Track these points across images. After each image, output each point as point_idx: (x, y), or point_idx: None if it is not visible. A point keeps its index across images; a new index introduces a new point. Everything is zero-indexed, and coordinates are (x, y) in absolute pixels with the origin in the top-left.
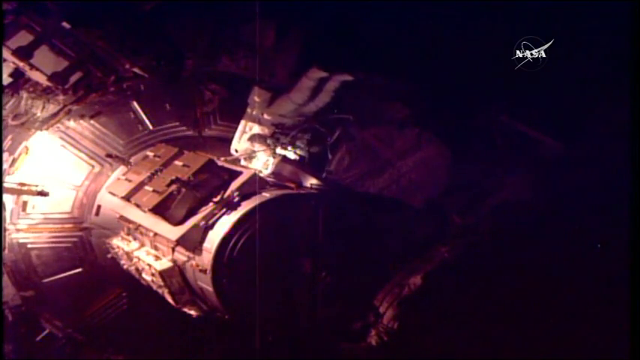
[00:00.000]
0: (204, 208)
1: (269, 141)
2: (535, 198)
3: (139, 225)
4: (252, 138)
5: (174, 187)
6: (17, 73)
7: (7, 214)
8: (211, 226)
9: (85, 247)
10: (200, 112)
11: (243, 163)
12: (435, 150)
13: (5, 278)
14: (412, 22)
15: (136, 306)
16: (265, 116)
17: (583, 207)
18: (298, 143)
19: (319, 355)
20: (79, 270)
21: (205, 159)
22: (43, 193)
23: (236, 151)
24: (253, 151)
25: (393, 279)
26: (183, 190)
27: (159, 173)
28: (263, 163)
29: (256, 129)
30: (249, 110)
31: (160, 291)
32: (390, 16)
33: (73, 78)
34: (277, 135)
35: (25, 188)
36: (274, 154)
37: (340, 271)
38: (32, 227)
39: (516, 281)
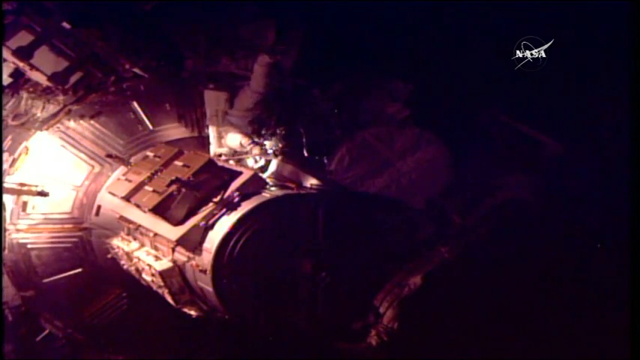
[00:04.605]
0: (204, 208)
1: (252, 137)
2: (535, 198)
3: (139, 225)
4: (234, 138)
5: (174, 187)
6: (17, 73)
7: (7, 214)
8: (211, 226)
9: (85, 247)
10: (200, 112)
11: (232, 163)
12: (435, 150)
13: (5, 278)
14: (412, 22)
15: (135, 306)
16: (233, 115)
17: (583, 207)
18: (278, 131)
19: (319, 355)
20: (79, 270)
21: (205, 159)
22: (43, 193)
23: (220, 155)
24: (238, 152)
25: (393, 279)
26: (183, 190)
27: (159, 173)
28: (254, 160)
29: (232, 130)
30: (211, 115)
31: (160, 291)
32: (391, 16)
33: (73, 78)
34: (258, 128)
35: (25, 188)
36: (262, 148)
37: (340, 271)
38: (32, 227)
39: (516, 281)
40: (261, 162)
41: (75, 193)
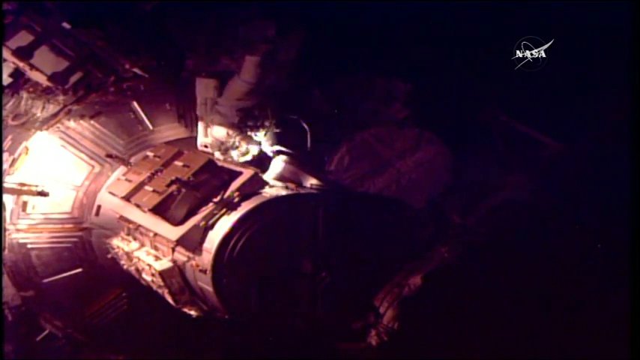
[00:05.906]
0: (204, 208)
1: (239, 127)
2: (535, 198)
3: (139, 225)
4: (221, 129)
5: (174, 187)
6: (17, 73)
7: (7, 214)
8: (211, 226)
9: (85, 247)
10: None
11: (217, 155)
12: (435, 150)
13: (5, 278)
14: (412, 21)
15: (135, 306)
16: (222, 104)
17: (583, 207)
18: (267, 124)
19: (319, 355)
20: (79, 270)
21: (205, 159)
22: (43, 193)
23: (205, 146)
24: (224, 142)
25: (393, 279)
26: (183, 190)
27: (159, 173)
28: (241, 151)
29: (219, 119)
30: (200, 104)
31: (159, 291)
32: (390, 15)
33: (73, 78)
34: (244, 119)
35: (25, 188)
36: (248, 139)
37: (340, 271)
38: (32, 227)
39: (516, 281)
40: (248, 156)
41: (75, 193)
